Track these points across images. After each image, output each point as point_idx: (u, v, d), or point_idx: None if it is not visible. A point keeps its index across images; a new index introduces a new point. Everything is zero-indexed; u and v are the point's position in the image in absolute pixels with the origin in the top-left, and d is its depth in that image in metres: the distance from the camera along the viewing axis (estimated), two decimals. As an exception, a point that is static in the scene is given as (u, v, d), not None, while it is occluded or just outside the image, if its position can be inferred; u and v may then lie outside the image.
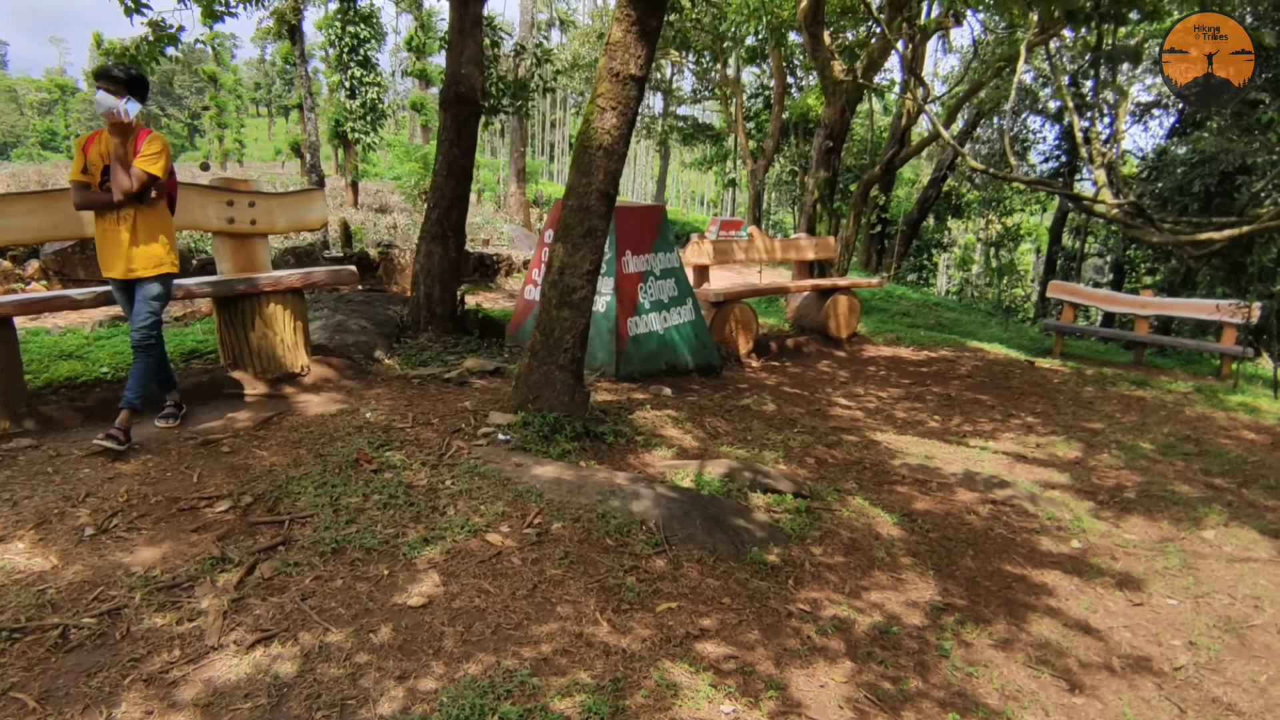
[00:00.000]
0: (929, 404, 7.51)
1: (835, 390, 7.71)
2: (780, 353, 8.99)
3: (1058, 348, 11.69)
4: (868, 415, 6.91)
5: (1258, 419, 7.70)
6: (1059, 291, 12.82)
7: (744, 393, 6.91)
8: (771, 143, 21.41)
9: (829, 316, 9.44)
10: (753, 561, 3.73)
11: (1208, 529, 4.92)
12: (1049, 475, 5.71)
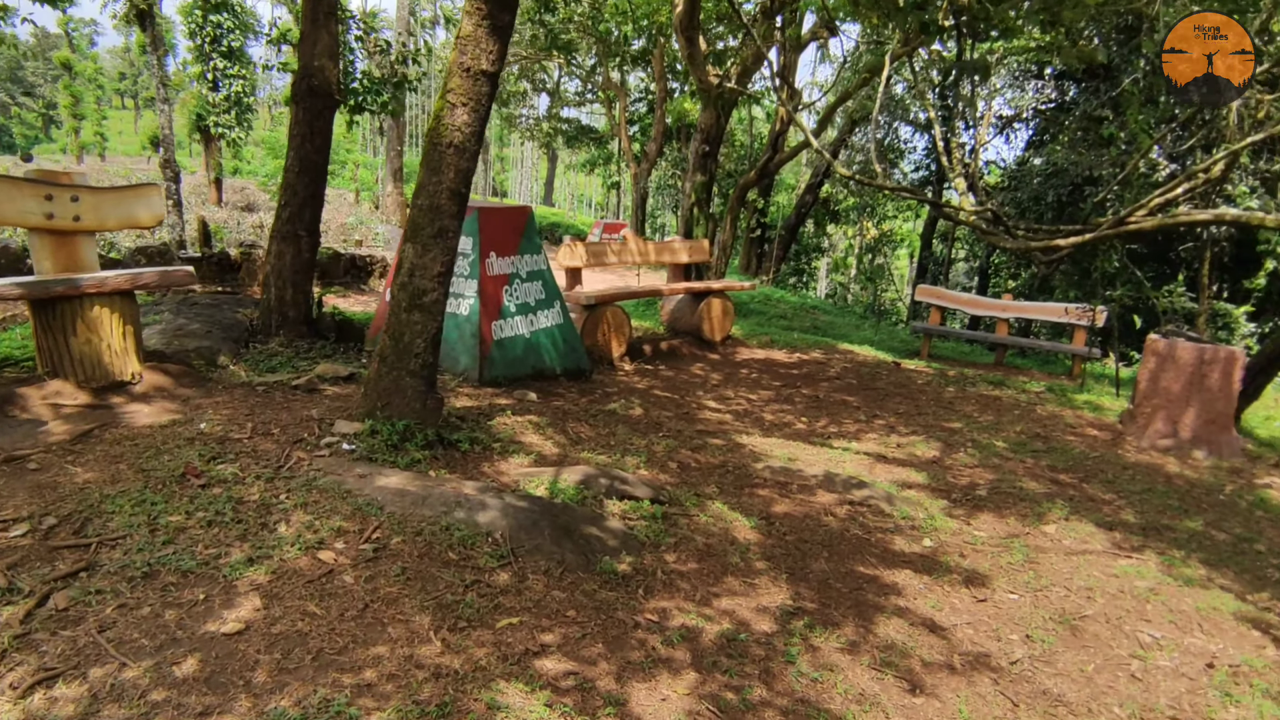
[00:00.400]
0: (797, 406, 7.61)
1: (706, 393, 7.72)
2: (654, 356, 8.96)
3: (925, 349, 12.10)
4: (736, 418, 6.93)
5: (1100, 416, 8.12)
6: (926, 295, 13.29)
7: (612, 397, 6.83)
8: (654, 146, 21.52)
9: (703, 319, 9.47)
10: (603, 571, 3.62)
11: (1050, 524, 5.11)
12: (907, 475, 5.84)
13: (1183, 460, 6.91)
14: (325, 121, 6.43)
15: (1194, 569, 4.62)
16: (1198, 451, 7.07)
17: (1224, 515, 5.67)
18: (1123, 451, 6.99)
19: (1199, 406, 7.15)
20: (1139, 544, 4.91)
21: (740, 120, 22.46)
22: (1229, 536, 5.25)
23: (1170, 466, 6.70)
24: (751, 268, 19.05)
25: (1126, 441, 7.30)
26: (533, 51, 18.76)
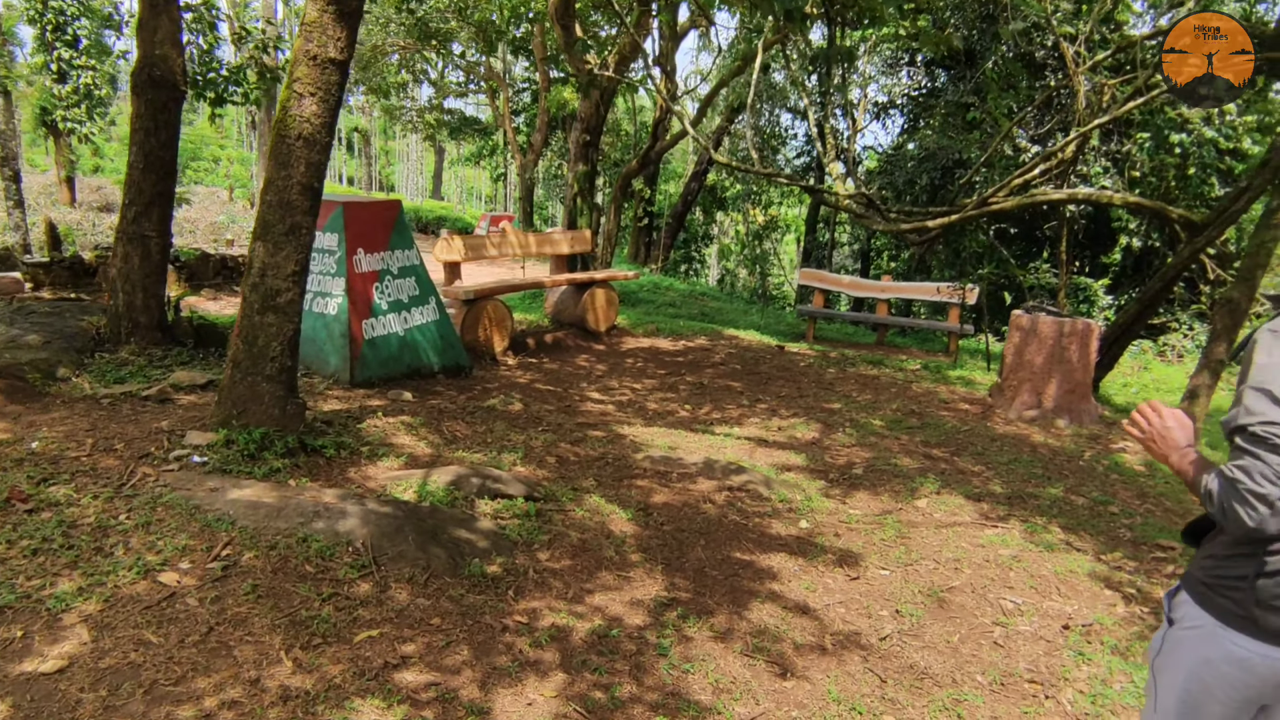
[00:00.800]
0: (681, 394, 7.62)
1: (590, 385, 7.65)
2: (538, 349, 8.84)
3: (810, 332, 12.35)
4: (619, 409, 6.89)
5: (973, 391, 8.44)
6: (809, 279, 13.56)
7: (492, 393, 6.69)
8: (540, 137, 21.27)
9: (587, 310, 9.40)
10: (471, 575, 3.51)
11: (922, 498, 5.25)
12: (787, 457, 5.91)
13: (1046, 430, 7.23)
14: (171, 114, 6.05)
15: (1054, 534, 4.82)
16: (1060, 420, 7.42)
17: (1083, 480, 5.95)
18: (992, 424, 7.27)
19: (1060, 377, 7.50)
20: (1005, 513, 5.10)
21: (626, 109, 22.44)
22: (1087, 501, 5.51)
23: (1035, 436, 7.00)
24: (640, 256, 19.09)
25: (996, 414, 7.59)
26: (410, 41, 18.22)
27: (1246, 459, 1.56)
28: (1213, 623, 1.74)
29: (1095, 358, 7.67)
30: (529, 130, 23.56)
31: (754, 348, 10.06)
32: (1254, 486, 1.54)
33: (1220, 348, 6.89)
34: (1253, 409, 1.57)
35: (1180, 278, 7.79)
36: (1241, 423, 1.58)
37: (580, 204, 12.18)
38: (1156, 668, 1.89)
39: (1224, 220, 7.12)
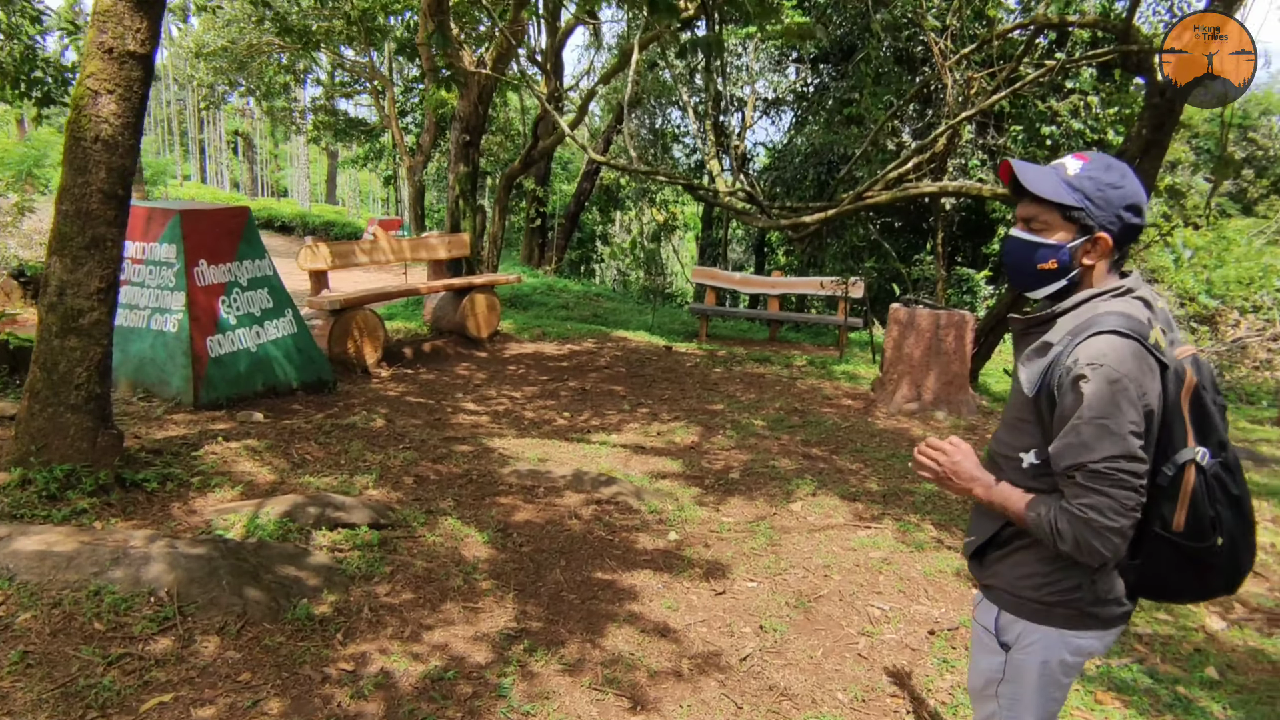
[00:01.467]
0: (562, 400, 7.37)
1: (467, 395, 7.33)
2: (416, 359, 8.45)
3: (703, 330, 12.26)
4: (494, 419, 6.60)
5: (856, 386, 8.44)
6: (701, 277, 13.49)
7: (355, 409, 6.30)
8: (428, 138, 20.66)
9: (467, 316, 9.05)
10: (295, 618, 3.18)
11: (797, 501, 5.13)
12: (663, 464, 5.72)
13: (925, 422, 7.26)
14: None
15: (926, 532, 4.76)
16: (939, 413, 7.46)
17: (958, 473, 5.95)
18: (873, 419, 7.25)
19: (938, 369, 7.54)
20: (879, 512, 5.02)
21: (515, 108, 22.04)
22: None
23: (914, 430, 7.01)
24: (534, 258, 18.74)
25: (877, 409, 7.59)
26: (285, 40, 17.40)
27: (1093, 497, 1.57)
28: (1054, 631, 1.77)
29: (972, 348, 7.75)
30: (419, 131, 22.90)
31: (641, 349, 9.88)
32: (1108, 523, 1.56)
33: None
34: (1091, 445, 1.56)
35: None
36: (1081, 460, 1.58)
37: (463, 206, 11.79)
38: (1003, 695, 1.87)
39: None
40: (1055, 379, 1.65)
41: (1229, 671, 3.55)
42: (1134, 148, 6.78)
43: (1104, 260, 1.73)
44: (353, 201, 57.82)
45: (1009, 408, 1.84)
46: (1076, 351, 1.62)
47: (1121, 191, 1.67)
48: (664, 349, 9.92)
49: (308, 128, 27.31)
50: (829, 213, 7.65)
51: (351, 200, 58.66)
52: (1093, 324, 1.65)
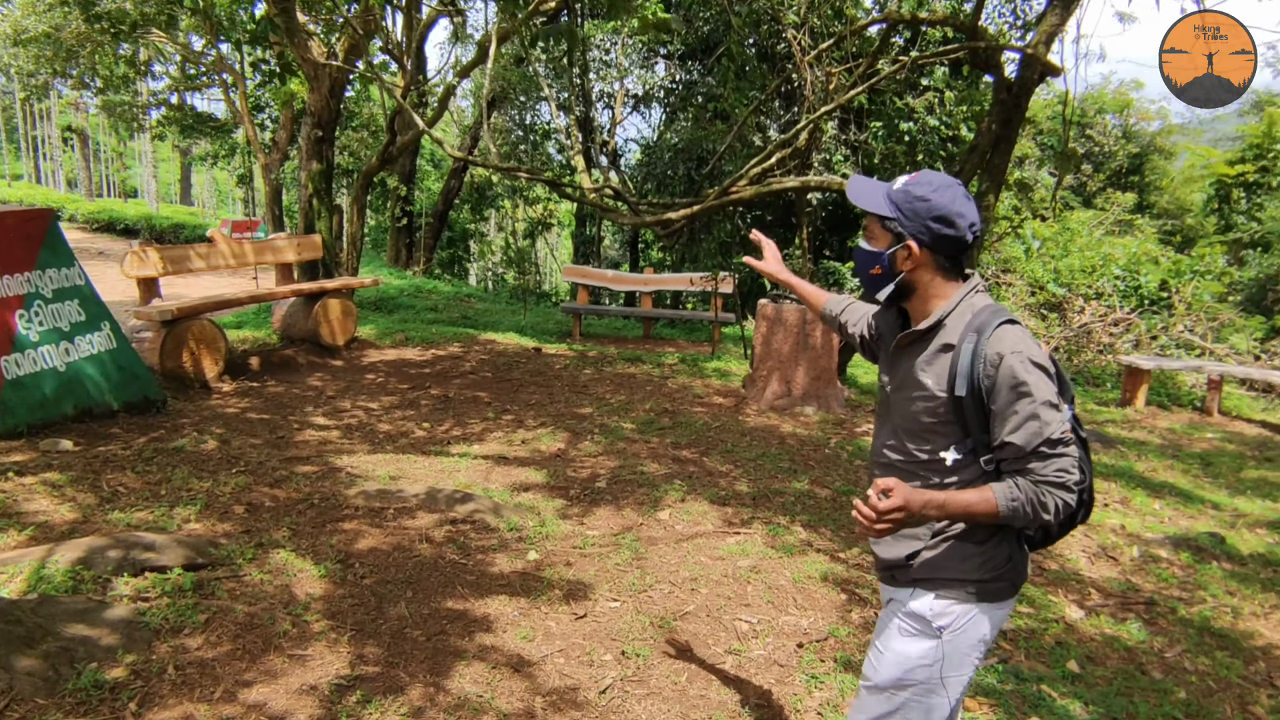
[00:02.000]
0: (422, 410, 6.97)
1: (317, 408, 6.82)
2: (263, 370, 7.85)
3: (577, 330, 12.00)
4: (345, 434, 6.14)
5: (728, 383, 8.35)
6: (572, 275, 13.22)
7: (185, 430, 5.74)
8: (284, 134, 19.60)
9: (320, 323, 8.49)
10: (80, 688, 2.74)
11: (665, 509, 4.93)
12: (526, 475, 5.43)
13: (795, 418, 7.22)
14: None
15: (795, 535, 4.64)
16: (808, 408, 7.44)
17: (828, 470, 5.90)
18: (744, 417, 7.16)
19: (807, 364, 7.52)
20: (749, 516, 4.88)
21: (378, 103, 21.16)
22: (830, 492, 5.43)
23: (785, 426, 6.95)
24: (402, 259, 18.02)
25: (748, 406, 7.51)
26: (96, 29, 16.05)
27: (1061, 460, 1.75)
28: (989, 607, 1.91)
29: (839, 342, 7.77)
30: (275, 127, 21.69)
31: (510, 352, 9.53)
32: (1077, 476, 1.77)
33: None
34: (1047, 420, 1.74)
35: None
36: (1044, 435, 1.74)
37: (317, 206, 11.12)
38: (945, 678, 1.93)
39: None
40: (980, 375, 1.78)
41: (1088, 664, 3.55)
42: (985, 142, 6.91)
43: (926, 267, 1.89)
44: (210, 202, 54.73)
45: (908, 415, 1.94)
46: (989, 345, 1.78)
47: (928, 204, 1.84)
48: (534, 351, 9.60)
49: (151, 124, 25.53)
50: (694, 209, 7.52)
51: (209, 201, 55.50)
52: (985, 318, 1.83)
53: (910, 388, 1.92)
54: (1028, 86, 6.69)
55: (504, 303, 15.76)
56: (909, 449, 1.94)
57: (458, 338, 10.11)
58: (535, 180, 10.20)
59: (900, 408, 1.96)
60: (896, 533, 1.84)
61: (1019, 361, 1.74)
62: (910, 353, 1.94)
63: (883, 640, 2.00)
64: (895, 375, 1.98)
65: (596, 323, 14.56)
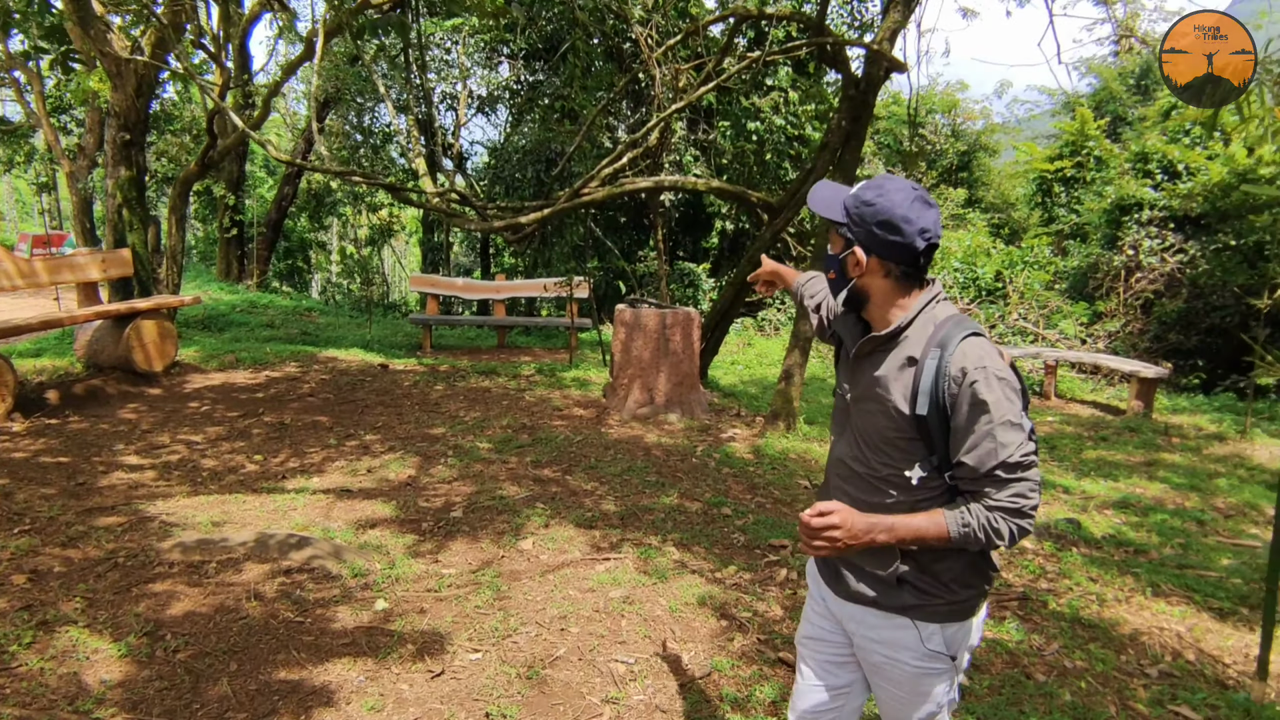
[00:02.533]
0: (254, 440, 6.30)
1: (130, 445, 6.04)
2: (64, 404, 6.93)
3: (427, 342, 11.41)
4: (162, 474, 5.43)
5: (588, 393, 8.04)
6: (420, 284, 12.59)
7: (-41, 483, 4.91)
8: (92, 138, 17.86)
9: (133, 348, 7.60)
10: None
11: (528, 537, 4.56)
12: (373, 509, 4.93)
13: (659, 427, 6.99)
14: None
15: (668, 556, 4.37)
16: (672, 415, 7.23)
17: (696, 481, 5.68)
18: (606, 429, 6.87)
19: (668, 370, 7.31)
20: (618, 538, 4.58)
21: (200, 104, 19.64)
22: (700, 505, 5.21)
23: (649, 436, 6.70)
24: (233, 273, 16.73)
25: (610, 416, 7.23)
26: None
27: (1018, 485, 1.67)
28: (978, 619, 1.90)
29: (700, 345, 7.61)
30: (82, 131, 19.76)
31: (354, 370, 8.87)
32: (1033, 501, 1.68)
33: (805, 325, 7.07)
34: (1006, 442, 1.66)
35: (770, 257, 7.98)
36: (1001, 458, 1.66)
37: (128, 217, 10.05)
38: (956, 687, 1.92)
39: (797, 201, 7.34)
40: (943, 392, 1.71)
41: (974, 673, 3.44)
42: (835, 139, 6.89)
43: (876, 274, 1.81)
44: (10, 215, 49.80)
45: (871, 428, 1.85)
46: (953, 361, 1.71)
47: (873, 209, 1.76)
48: (380, 367, 8.98)
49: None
50: (545, 212, 7.17)
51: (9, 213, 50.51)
52: (949, 331, 1.75)
53: (872, 400, 1.84)
54: (875, 82, 6.71)
55: (347, 316, 14.89)
56: (872, 462, 1.86)
57: (296, 356, 9.35)
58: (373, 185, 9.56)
59: (862, 419, 1.88)
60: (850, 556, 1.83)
61: (983, 378, 1.67)
62: (872, 362, 1.85)
63: (909, 691, 1.90)
64: (856, 384, 1.90)
65: (448, 333, 13.97)
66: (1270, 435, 8.84)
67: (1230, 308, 11.12)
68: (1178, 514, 5.91)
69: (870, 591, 1.86)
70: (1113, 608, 4.25)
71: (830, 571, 1.97)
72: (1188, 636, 3.97)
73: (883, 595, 1.85)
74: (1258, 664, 3.57)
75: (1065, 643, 3.76)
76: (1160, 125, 14.82)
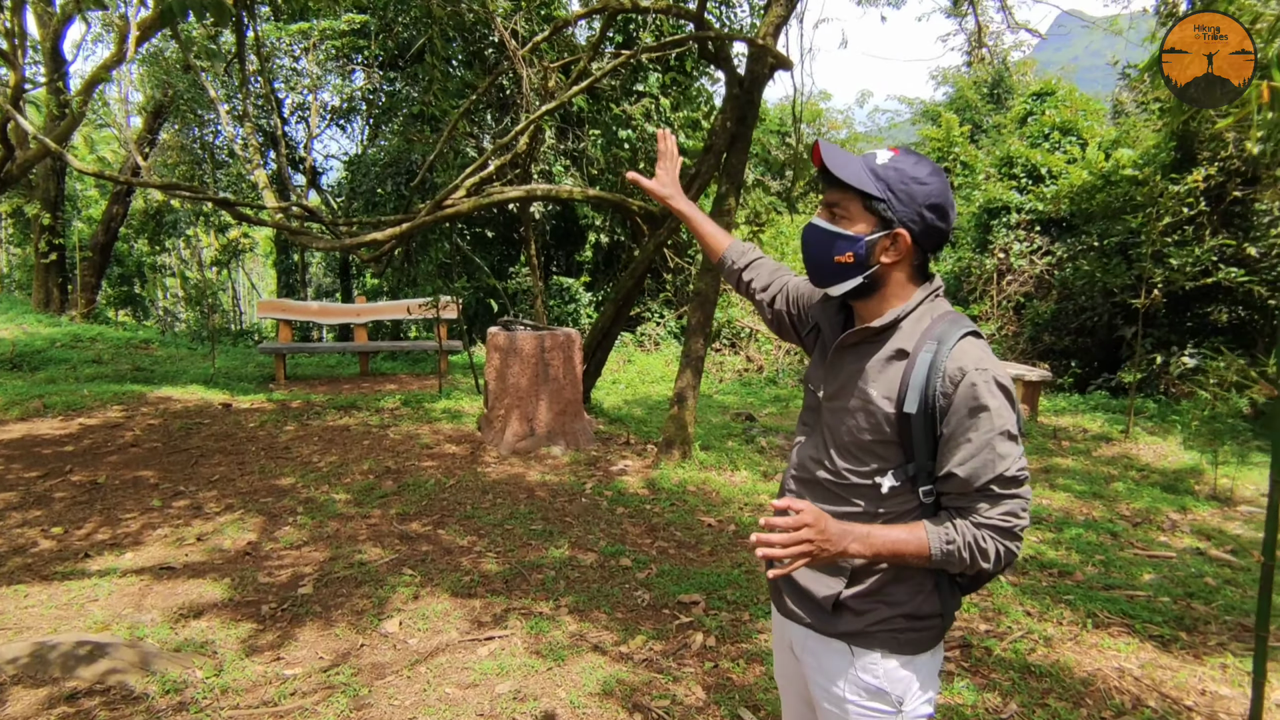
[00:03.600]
0: (55, 508, 5.24)
1: (-113, 525, 4.89)
2: None
3: (280, 374, 10.32)
4: (-77, 563, 4.36)
5: (461, 426, 7.27)
6: (270, 310, 11.45)
7: None
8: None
9: (-97, 401, 6.33)
10: None
11: (394, 615, 3.80)
12: (200, 591, 4.04)
13: (542, 462, 6.31)
14: None
15: (563, 627, 3.70)
16: (555, 448, 6.56)
17: (589, 526, 5.03)
18: (483, 468, 6.13)
19: (549, 398, 6.64)
20: (502, 609, 3.87)
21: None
22: (596, 556, 4.56)
23: (531, 474, 6.01)
24: (54, 302, 14.94)
25: (486, 452, 6.49)
26: None
27: (1011, 503, 1.49)
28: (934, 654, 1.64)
29: (582, 369, 6.97)
30: None
31: (192, 411, 7.76)
32: (1025, 521, 1.51)
33: (698, 343, 6.54)
34: (1005, 454, 1.47)
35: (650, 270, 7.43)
36: (998, 471, 1.47)
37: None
38: None
39: (681, 210, 6.80)
40: (936, 392, 1.50)
41: None
42: (720, 142, 6.41)
43: (905, 263, 1.59)
44: None
45: (844, 429, 1.62)
46: (950, 359, 1.50)
47: (927, 188, 1.54)
48: (222, 407, 7.91)
49: None
50: (404, 227, 6.37)
51: None
52: (946, 327, 1.55)
53: (850, 397, 1.61)
54: (759, 80, 6.27)
55: (188, 348, 13.49)
56: (840, 468, 1.63)
57: (121, 398, 8.13)
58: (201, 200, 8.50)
59: (836, 419, 1.65)
60: (812, 566, 1.58)
61: (983, 381, 1.48)
62: (856, 354, 1.63)
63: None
64: (834, 380, 1.67)
65: (306, 361, 12.81)
66: (1149, 434, 8.95)
67: (1099, 307, 11.34)
68: (1089, 526, 5.69)
69: (805, 615, 1.67)
70: (1059, 648, 3.85)
71: (772, 584, 1.74)
72: (1144, 678, 3.61)
73: (818, 620, 1.64)
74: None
75: (1023, 700, 3.31)
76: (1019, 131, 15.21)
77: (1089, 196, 11.46)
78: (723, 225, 6.55)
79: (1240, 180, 9.93)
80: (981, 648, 3.75)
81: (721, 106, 6.41)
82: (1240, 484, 6.94)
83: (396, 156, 13.72)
